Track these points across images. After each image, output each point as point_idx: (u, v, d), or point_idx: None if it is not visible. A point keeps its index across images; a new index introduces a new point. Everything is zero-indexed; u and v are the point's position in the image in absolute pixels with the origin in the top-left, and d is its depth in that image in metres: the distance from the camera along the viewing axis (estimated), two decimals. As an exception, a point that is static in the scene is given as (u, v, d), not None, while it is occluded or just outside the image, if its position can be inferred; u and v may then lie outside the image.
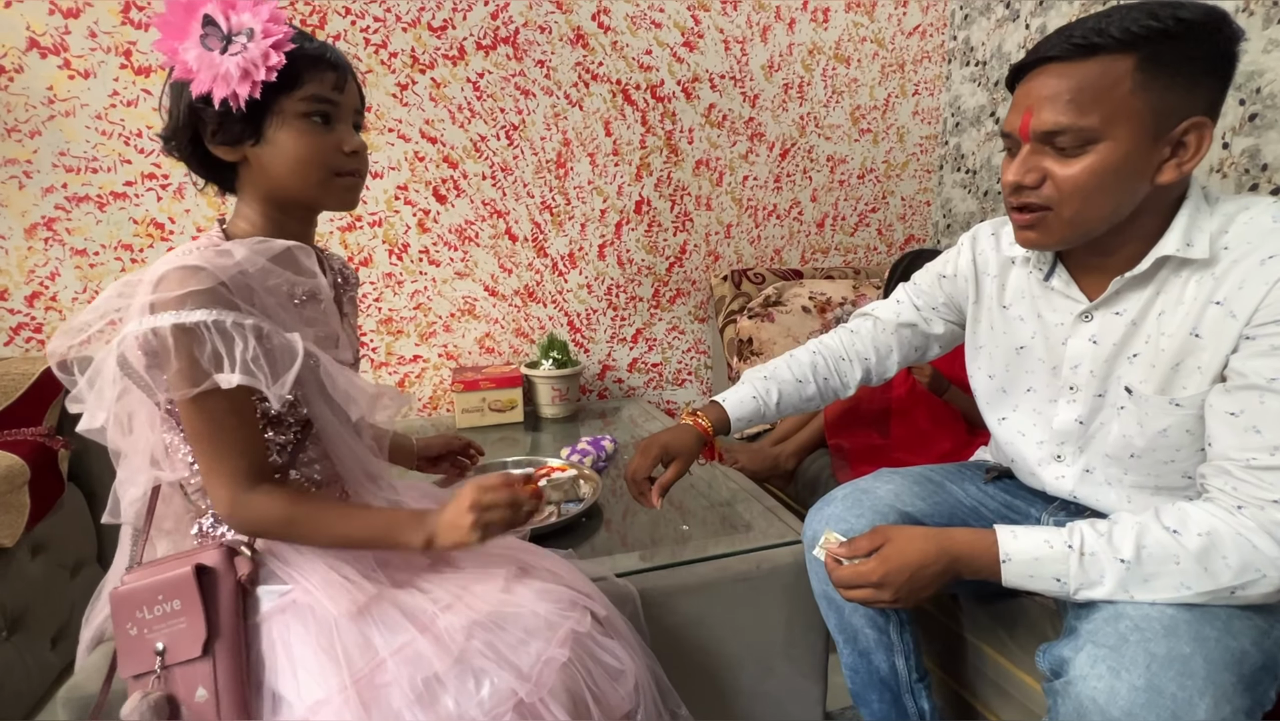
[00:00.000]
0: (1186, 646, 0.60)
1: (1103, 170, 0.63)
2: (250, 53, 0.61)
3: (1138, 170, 0.64)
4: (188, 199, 1.57)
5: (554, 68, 1.74)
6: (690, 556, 1.01)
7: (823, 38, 1.92)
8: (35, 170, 1.47)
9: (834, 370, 0.98)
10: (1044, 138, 0.65)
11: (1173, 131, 0.63)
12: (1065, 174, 0.65)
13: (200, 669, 0.60)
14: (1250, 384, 0.63)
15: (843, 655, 0.94)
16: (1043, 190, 0.67)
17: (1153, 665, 0.59)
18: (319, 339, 0.69)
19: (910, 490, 0.90)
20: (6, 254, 1.48)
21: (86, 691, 0.73)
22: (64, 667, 1.31)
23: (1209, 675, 0.58)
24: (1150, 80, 0.61)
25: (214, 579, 0.62)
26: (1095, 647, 0.62)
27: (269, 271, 0.65)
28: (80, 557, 1.41)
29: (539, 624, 0.69)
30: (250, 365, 0.60)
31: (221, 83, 0.61)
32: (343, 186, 0.70)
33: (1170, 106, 0.62)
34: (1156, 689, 0.58)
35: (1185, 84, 0.62)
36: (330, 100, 0.67)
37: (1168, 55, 0.61)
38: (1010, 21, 1.80)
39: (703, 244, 1.97)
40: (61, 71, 1.45)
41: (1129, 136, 0.62)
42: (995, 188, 1.90)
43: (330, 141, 0.67)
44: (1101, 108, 0.62)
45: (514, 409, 1.70)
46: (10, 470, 1.21)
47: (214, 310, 0.59)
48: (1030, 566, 0.67)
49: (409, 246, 1.73)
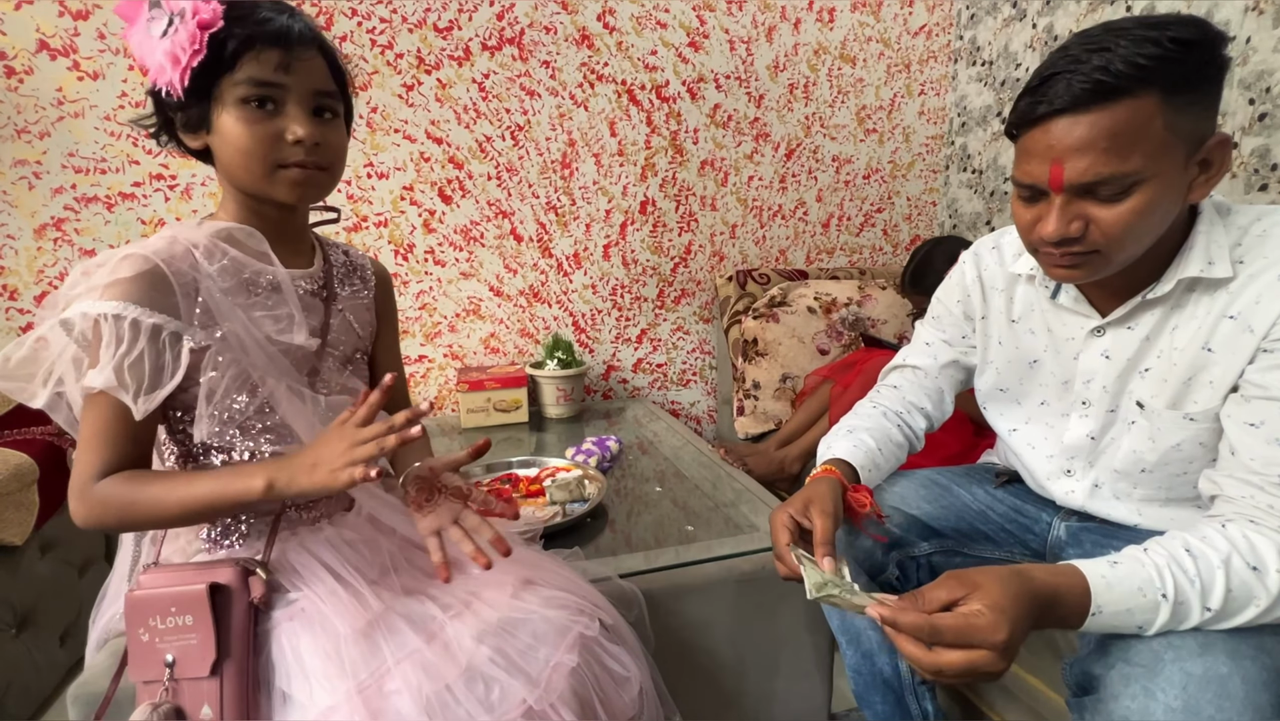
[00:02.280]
0: (1224, 666, 0.58)
1: (1147, 208, 0.62)
2: (180, 35, 0.57)
3: (1176, 196, 0.63)
4: (195, 199, 1.58)
5: (559, 68, 1.74)
6: (694, 557, 1.01)
7: (828, 38, 1.92)
8: (45, 171, 1.48)
9: (902, 420, 0.93)
10: (1083, 189, 0.62)
11: (1199, 152, 0.62)
12: (1112, 218, 0.62)
13: (207, 687, 0.60)
14: (1271, 396, 0.63)
15: (846, 656, 0.93)
16: (1089, 237, 0.64)
17: (1189, 685, 0.57)
18: (275, 319, 0.68)
19: (917, 493, 0.90)
20: (16, 254, 1.49)
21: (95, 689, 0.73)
22: (72, 665, 1.32)
23: (1247, 696, 0.57)
24: (1177, 111, 0.60)
25: (228, 598, 0.61)
26: (1128, 666, 0.60)
27: (214, 251, 0.64)
28: (88, 556, 1.42)
29: (548, 629, 0.69)
30: (124, 371, 0.58)
31: (159, 70, 0.59)
32: (288, 180, 0.64)
33: (1197, 130, 0.62)
34: (1194, 710, 0.56)
35: (1203, 104, 0.62)
36: (272, 83, 0.61)
37: (1183, 81, 0.59)
38: (1017, 21, 1.79)
39: (707, 244, 1.97)
40: (71, 73, 1.46)
41: (1169, 169, 0.61)
42: (1001, 188, 1.90)
43: (271, 129, 0.62)
44: (1141, 150, 0.60)
45: (519, 409, 1.70)
46: (20, 468, 1.22)
47: (125, 303, 0.58)
48: (1119, 619, 0.59)
49: (414, 247, 1.74)
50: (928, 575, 0.89)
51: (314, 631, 0.63)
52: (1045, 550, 0.89)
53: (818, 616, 1.05)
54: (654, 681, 0.79)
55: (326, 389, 0.74)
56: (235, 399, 0.66)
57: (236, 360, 0.65)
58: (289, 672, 0.62)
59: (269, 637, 0.64)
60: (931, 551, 0.89)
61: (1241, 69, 1.30)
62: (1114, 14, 1.53)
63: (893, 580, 0.88)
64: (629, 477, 1.35)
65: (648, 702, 0.75)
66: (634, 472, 1.38)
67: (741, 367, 1.79)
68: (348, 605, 0.64)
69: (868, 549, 0.87)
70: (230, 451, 0.68)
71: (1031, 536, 0.90)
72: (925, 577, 0.89)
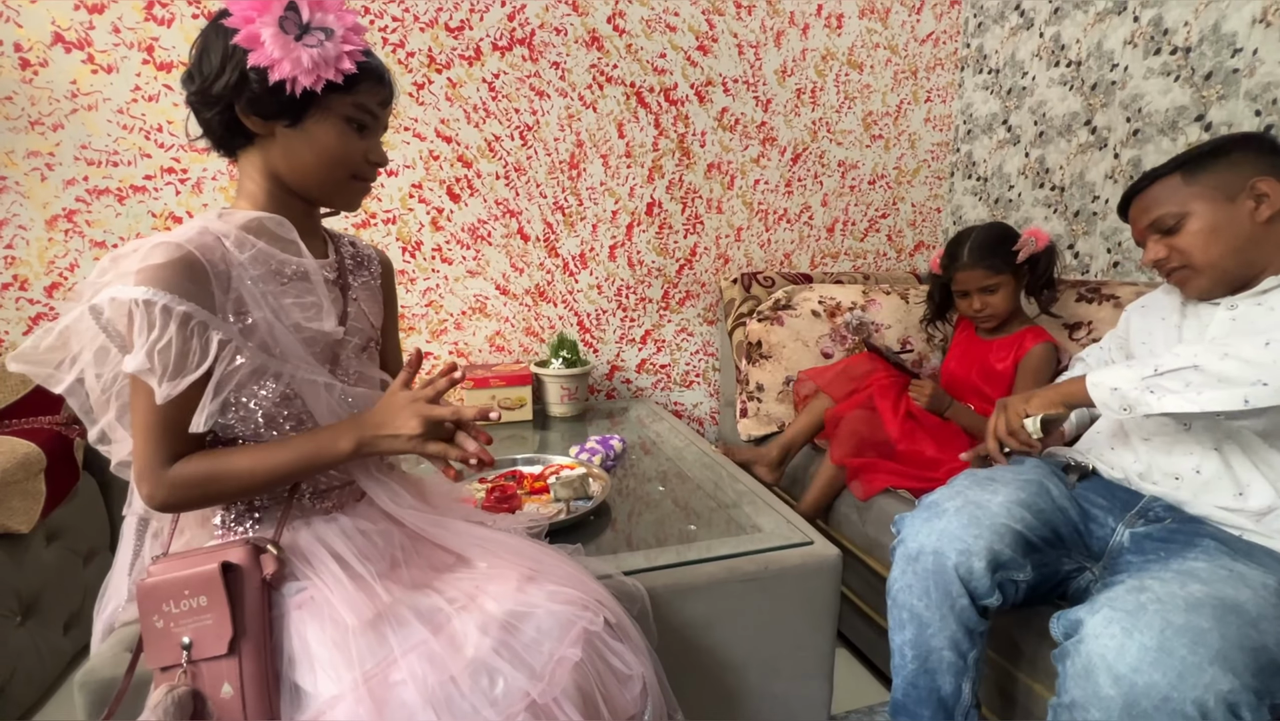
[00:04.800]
0: (1206, 623, 0.62)
1: (1201, 229, 0.91)
2: (326, 50, 0.64)
3: (1233, 219, 0.89)
4: (206, 194, 1.59)
5: (569, 69, 1.75)
6: (696, 556, 1.02)
7: (836, 43, 1.93)
8: (57, 163, 1.49)
9: None
10: (1151, 228, 0.97)
11: (1245, 189, 0.88)
12: (1176, 241, 0.94)
13: (226, 666, 0.60)
14: None
15: (903, 669, 0.93)
16: (1172, 258, 0.95)
17: (1167, 630, 0.62)
18: (303, 307, 0.70)
19: (1017, 498, 0.90)
20: (27, 244, 1.50)
21: (102, 677, 0.74)
22: (76, 653, 1.33)
23: (1222, 649, 0.60)
24: (1196, 177, 0.92)
25: (240, 576, 0.62)
26: (1111, 611, 0.66)
27: (244, 242, 0.66)
28: (93, 545, 1.43)
29: (552, 623, 0.70)
30: (154, 356, 0.59)
31: (288, 65, 0.63)
32: (355, 190, 0.75)
33: (1223, 182, 0.89)
34: (1167, 650, 0.61)
35: (1221, 173, 0.90)
36: (373, 113, 0.72)
37: (1206, 161, 0.92)
38: (1024, 30, 1.80)
39: (713, 247, 1.98)
40: (85, 66, 1.47)
41: (1206, 206, 0.91)
42: (1005, 195, 1.90)
43: (361, 148, 0.71)
44: (1171, 200, 0.94)
45: (523, 407, 1.71)
46: (28, 457, 1.22)
47: (155, 290, 0.59)
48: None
49: (422, 244, 1.75)
50: (1022, 597, 0.89)
51: (322, 621, 0.64)
52: (1105, 554, 0.92)
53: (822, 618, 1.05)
54: (658, 678, 0.79)
55: (346, 376, 0.76)
56: (263, 385, 0.67)
57: (265, 347, 0.66)
58: (297, 661, 0.63)
59: (277, 625, 0.64)
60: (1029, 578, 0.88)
61: (1248, 81, 1.31)
62: (1120, 25, 1.54)
63: (993, 605, 0.87)
64: (631, 477, 1.35)
65: (651, 700, 0.75)
66: (636, 472, 1.38)
67: (745, 370, 1.80)
68: (356, 596, 0.65)
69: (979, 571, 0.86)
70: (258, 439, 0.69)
71: (1095, 540, 0.93)
72: (1020, 600, 0.89)
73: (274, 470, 0.65)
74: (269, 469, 0.65)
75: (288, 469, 0.66)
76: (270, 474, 0.66)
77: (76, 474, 1.38)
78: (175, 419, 0.63)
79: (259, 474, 0.65)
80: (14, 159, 1.47)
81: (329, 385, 0.71)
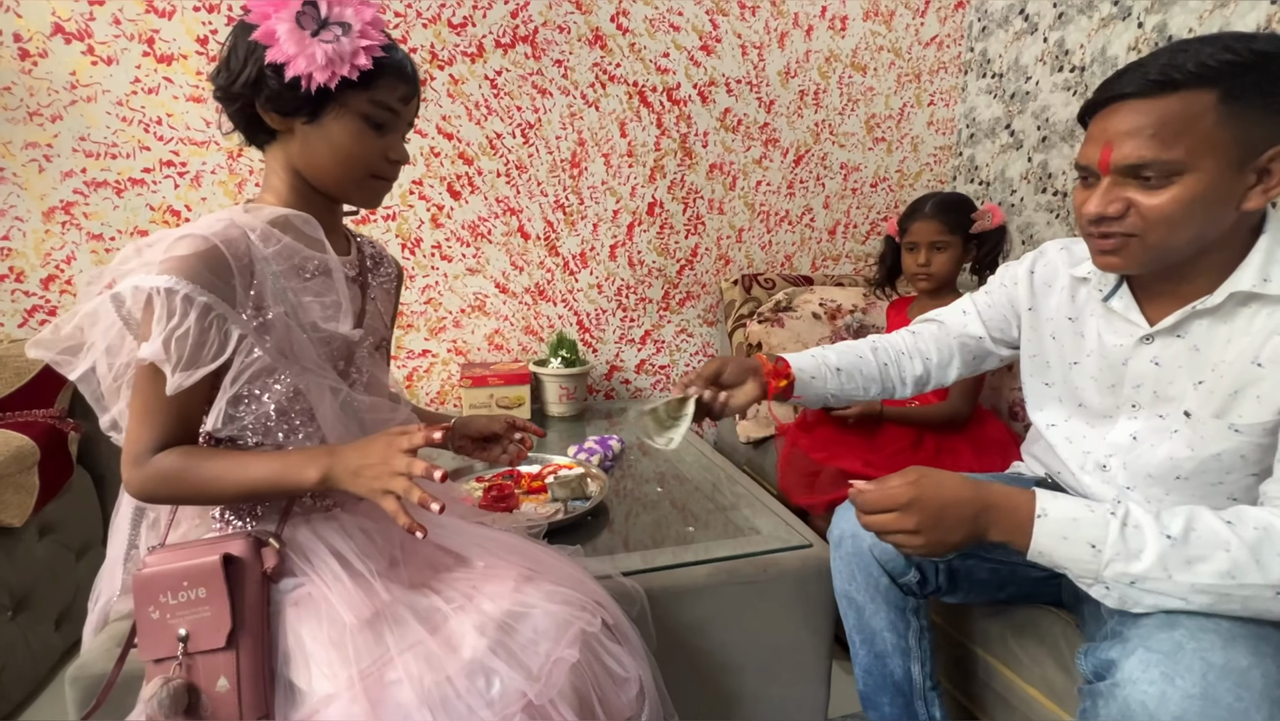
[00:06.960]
0: (1245, 660, 0.59)
1: (1189, 200, 0.64)
2: (342, 46, 0.63)
3: (1223, 198, 0.65)
4: (204, 187, 1.58)
5: (571, 68, 1.74)
6: (694, 558, 1.01)
7: (840, 46, 1.93)
8: (55, 154, 1.48)
9: (893, 360, 0.98)
10: (1127, 171, 0.66)
11: (1258, 160, 0.63)
12: (1151, 204, 0.66)
13: (223, 659, 0.60)
14: None
15: (857, 656, 0.93)
16: (1127, 220, 0.68)
17: (1209, 674, 0.58)
18: (322, 305, 0.69)
19: None
20: (24, 236, 1.49)
21: (94, 671, 0.73)
22: (67, 648, 1.32)
23: (1265, 689, 0.58)
24: (1234, 113, 0.62)
25: (240, 569, 0.61)
26: (1148, 652, 0.61)
27: (270, 236, 0.65)
28: (86, 540, 1.42)
29: (549, 624, 0.69)
30: (170, 344, 0.59)
31: (303, 61, 0.62)
32: (374, 189, 0.73)
33: (1256, 137, 0.63)
34: (1212, 698, 0.57)
35: (1269, 114, 0.62)
36: (393, 110, 0.69)
37: (1249, 87, 0.61)
38: (1028, 34, 1.80)
39: (714, 247, 1.97)
40: (85, 57, 1.46)
41: (1214, 167, 0.63)
42: (1008, 199, 1.90)
43: (379, 146, 0.70)
44: (1185, 141, 0.63)
45: (521, 406, 1.70)
46: (21, 451, 1.22)
47: (178, 279, 0.59)
48: (1066, 527, 0.64)
49: (421, 241, 1.74)
50: (945, 578, 0.89)
51: (318, 618, 0.63)
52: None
53: (820, 621, 1.05)
54: (655, 681, 0.79)
55: (359, 375, 0.76)
56: (276, 381, 0.66)
57: (279, 345, 0.66)
58: (292, 658, 0.62)
59: (274, 622, 0.64)
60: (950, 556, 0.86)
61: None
62: (1124, 31, 1.54)
63: (913, 583, 0.88)
64: (629, 478, 1.35)
65: (647, 703, 0.75)
66: (634, 473, 1.38)
67: (744, 371, 1.79)
68: (355, 594, 0.64)
69: (892, 552, 0.86)
70: (264, 438, 0.69)
71: None
72: (943, 581, 0.89)
73: (239, 482, 0.63)
74: (234, 480, 0.63)
75: (252, 485, 0.63)
76: (236, 485, 0.63)
77: (70, 468, 1.37)
78: (172, 408, 0.62)
79: (225, 483, 0.63)
80: (12, 150, 1.46)
81: (335, 388, 0.71)
